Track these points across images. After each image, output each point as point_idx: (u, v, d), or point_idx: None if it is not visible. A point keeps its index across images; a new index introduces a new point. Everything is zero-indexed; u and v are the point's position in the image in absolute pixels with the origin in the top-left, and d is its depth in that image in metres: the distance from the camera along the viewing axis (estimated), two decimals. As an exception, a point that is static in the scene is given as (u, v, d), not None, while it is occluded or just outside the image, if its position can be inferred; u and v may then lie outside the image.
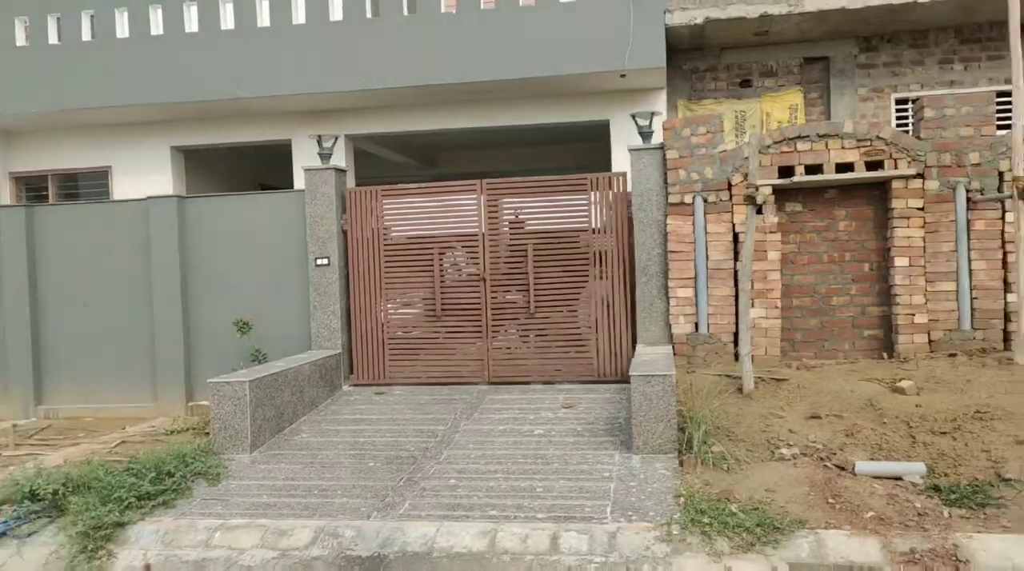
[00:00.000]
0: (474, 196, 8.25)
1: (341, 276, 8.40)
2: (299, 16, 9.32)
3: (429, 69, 8.90)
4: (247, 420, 6.41)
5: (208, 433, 6.77)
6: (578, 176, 8.10)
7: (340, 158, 9.64)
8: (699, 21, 8.59)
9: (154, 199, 8.78)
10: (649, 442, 5.90)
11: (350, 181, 9.75)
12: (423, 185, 8.45)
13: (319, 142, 8.42)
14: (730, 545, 4.48)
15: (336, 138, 8.60)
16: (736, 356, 7.32)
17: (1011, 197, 6.61)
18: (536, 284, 8.13)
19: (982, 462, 5.14)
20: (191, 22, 9.53)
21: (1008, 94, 8.63)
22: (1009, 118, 8.45)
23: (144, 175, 10.29)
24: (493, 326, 8.25)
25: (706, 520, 4.67)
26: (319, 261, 8.35)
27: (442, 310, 8.31)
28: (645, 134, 7.92)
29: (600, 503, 5.07)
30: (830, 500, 4.89)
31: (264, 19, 9.37)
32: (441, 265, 8.34)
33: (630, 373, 6.06)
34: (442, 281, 8.33)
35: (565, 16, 8.69)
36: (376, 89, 9.08)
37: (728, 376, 6.88)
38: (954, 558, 4.24)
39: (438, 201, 8.37)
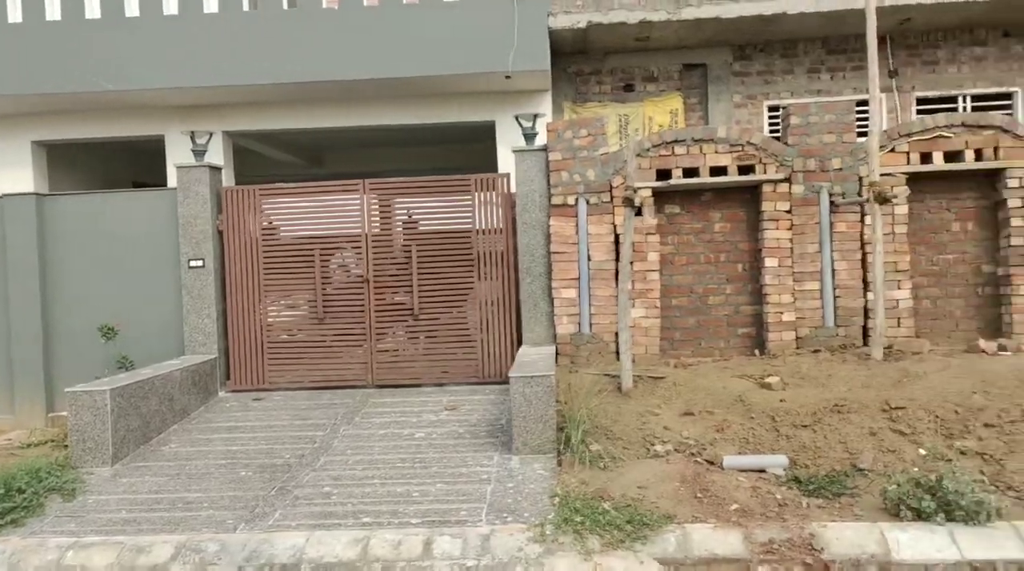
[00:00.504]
0: (357, 196, 8.10)
1: (217, 278, 8.08)
2: (171, 6, 8.92)
3: (311, 65, 8.66)
4: (108, 431, 6.06)
5: (68, 446, 6.38)
6: (462, 177, 8.07)
7: (217, 155, 9.27)
8: (582, 25, 8.70)
9: (9, 197, 8.24)
10: (529, 443, 5.92)
11: (228, 179, 9.40)
12: (303, 184, 8.24)
13: (192, 138, 8.08)
14: (601, 543, 4.53)
15: (211, 134, 8.28)
16: (618, 355, 7.44)
17: (868, 201, 6.97)
18: (420, 286, 8.05)
19: (839, 453, 5.40)
20: (53, 10, 8.97)
21: (867, 102, 9.12)
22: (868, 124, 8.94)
23: (1, 171, 9.61)
24: (378, 328, 8.11)
25: (579, 519, 4.71)
26: (193, 263, 8.00)
27: (325, 313, 8.11)
28: (529, 136, 7.96)
29: (476, 506, 5.05)
30: (698, 494, 5.03)
31: (133, 8, 8.92)
32: (323, 267, 8.14)
33: (509, 375, 6.06)
34: (324, 283, 8.14)
35: (449, 15, 8.63)
36: (255, 85, 8.78)
37: (609, 375, 6.99)
38: (810, 546, 4.42)
39: (320, 201, 8.18)
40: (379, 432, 6.62)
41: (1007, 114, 8.83)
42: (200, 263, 7.98)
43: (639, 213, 7.46)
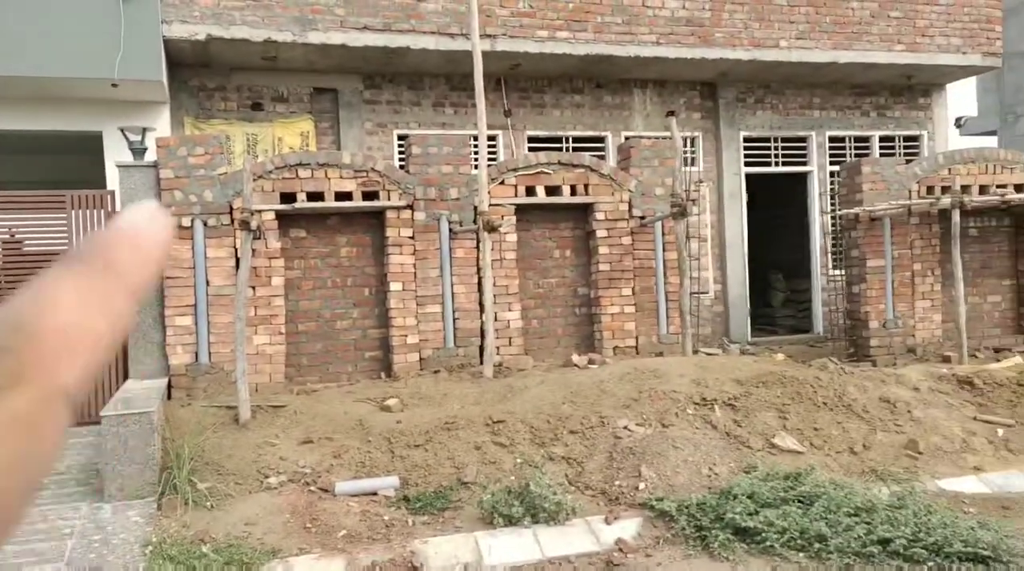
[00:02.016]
0: (-86, 210, 6.78)
1: None
2: None
3: None
4: None
5: None
6: (55, 193, 7.16)
7: None
8: (201, 37, 8.22)
9: None
10: (125, 488, 5.35)
11: None
12: None
13: None
14: (194, 590, 4.21)
15: None
16: (256, 387, 7.11)
17: (481, 229, 7.47)
18: (2, 316, 6.95)
19: (448, 469, 5.64)
20: None
21: (490, 138, 9.86)
22: (490, 158, 9.65)
23: None
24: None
25: (171, 568, 4.33)
26: None
27: None
28: (137, 151, 7.33)
29: (50, 567, 4.41)
30: (308, 525, 4.92)
31: None
32: None
33: (101, 413, 5.45)
34: None
35: (48, 11, 7.64)
36: None
37: (228, 407, 6.61)
38: (410, 564, 4.53)
39: None
40: (-66, 492, 5.53)
41: (600, 156, 10.09)
42: None
43: (260, 236, 7.21)
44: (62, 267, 0.36)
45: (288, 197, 7.43)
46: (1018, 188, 9.13)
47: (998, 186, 9.09)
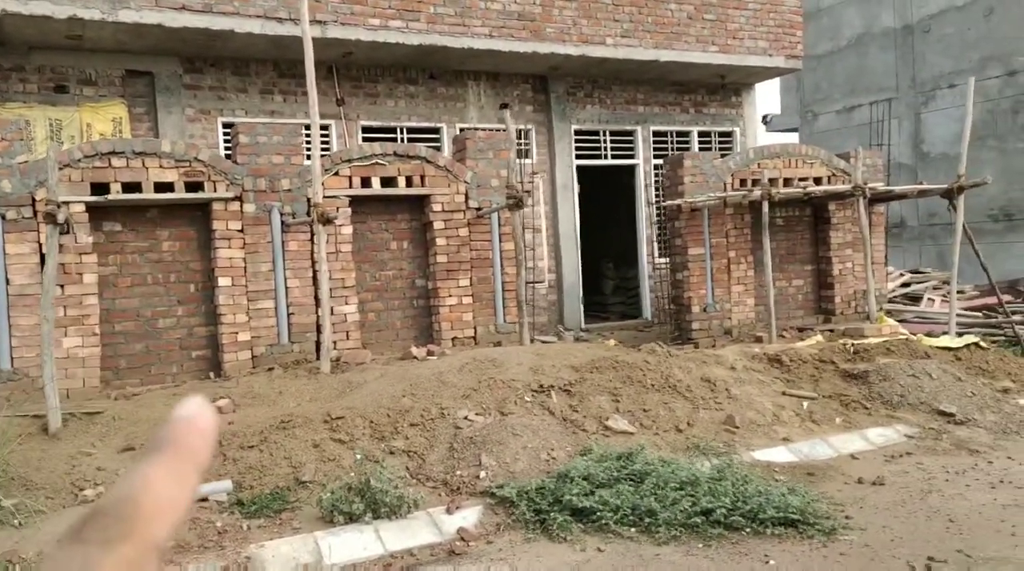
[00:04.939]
0: None
1: None
2: None
3: None
4: None
5: None
6: None
7: None
8: (-6, 12, 7.46)
9: None
10: (-87, 512, 4.79)
11: None
12: None
13: None
14: (0, 619, 3.84)
15: None
16: (68, 394, 6.54)
17: (315, 221, 7.27)
18: None
19: (284, 469, 5.45)
20: None
21: (322, 127, 9.58)
22: (323, 148, 9.38)
23: None
24: None
25: (-29, 596, 3.93)
26: None
27: None
28: (-82, 135, 6.53)
29: None
30: (131, 538, 4.61)
31: None
32: None
33: None
34: None
35: None
36: None
37: (36, 416, 6.07)
38: (246, 570, 4.35)
39: None
40: None
41: (435, 147, 10.07)
42: None
43: (68, 230, 6.65)
44: (153, 454, 0.52)
45: (100, 188, 6.90)
46: (817, 181, 10.01)
47: (800, 179, 9.92)
